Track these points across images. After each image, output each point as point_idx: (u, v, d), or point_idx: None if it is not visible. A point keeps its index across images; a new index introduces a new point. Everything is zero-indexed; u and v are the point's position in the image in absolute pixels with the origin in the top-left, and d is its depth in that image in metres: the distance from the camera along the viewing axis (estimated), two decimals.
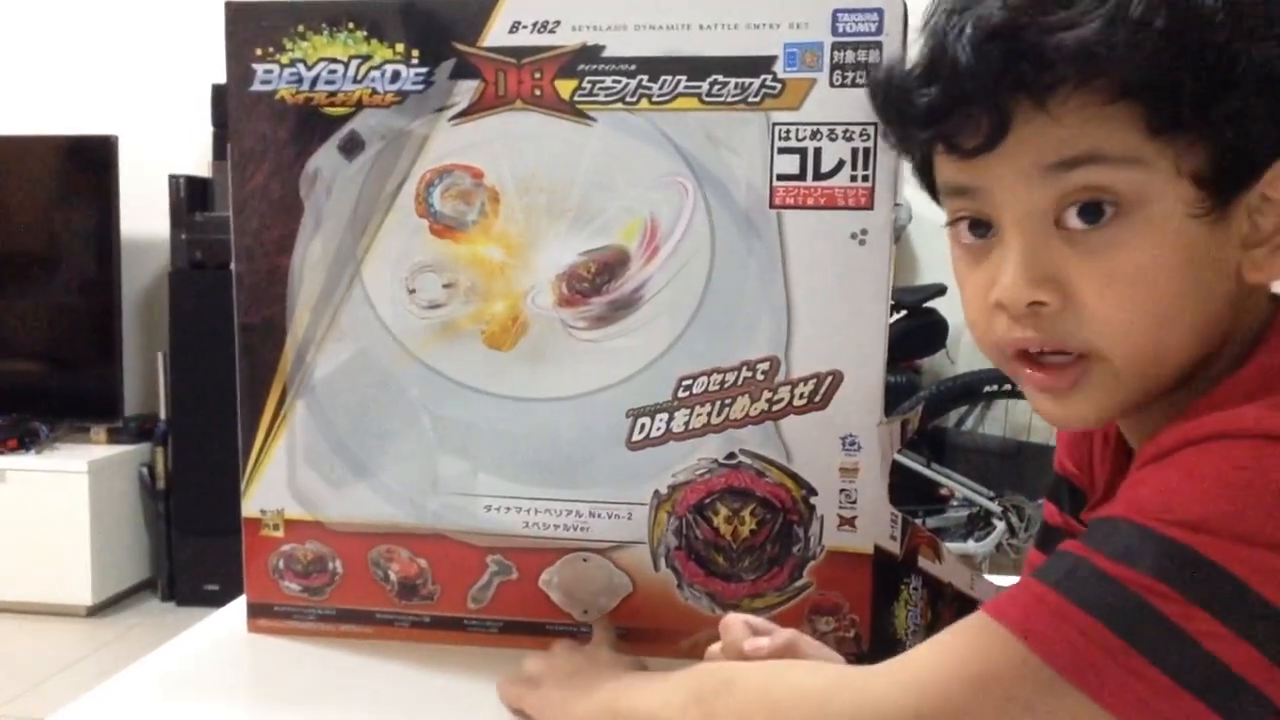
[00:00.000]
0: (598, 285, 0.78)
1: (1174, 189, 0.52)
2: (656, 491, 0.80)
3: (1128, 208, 0.52)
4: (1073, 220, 0.53)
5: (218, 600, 0.94)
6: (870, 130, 0.74)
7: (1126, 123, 0.51)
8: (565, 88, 0.76)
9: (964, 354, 2.81)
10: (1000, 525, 2.56)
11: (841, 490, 0.78)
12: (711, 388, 0.78)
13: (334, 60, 0.78)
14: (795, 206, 0.75)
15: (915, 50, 0.56)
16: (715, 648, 0.69)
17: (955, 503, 2.65)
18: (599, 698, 0.68)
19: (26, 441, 2.97)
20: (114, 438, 3.07)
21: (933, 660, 0.53)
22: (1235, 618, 0.46)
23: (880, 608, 0.80)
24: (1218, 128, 0.50)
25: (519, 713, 0.72)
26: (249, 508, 0.85)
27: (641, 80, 0.75)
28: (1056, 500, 0.77)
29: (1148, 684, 0.47)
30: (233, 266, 0.82)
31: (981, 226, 0.57)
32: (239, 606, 0.88)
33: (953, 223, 0.59)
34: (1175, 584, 0.46)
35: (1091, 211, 0.52)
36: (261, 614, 0.86)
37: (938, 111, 0.54)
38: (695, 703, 0.60)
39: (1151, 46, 0.49)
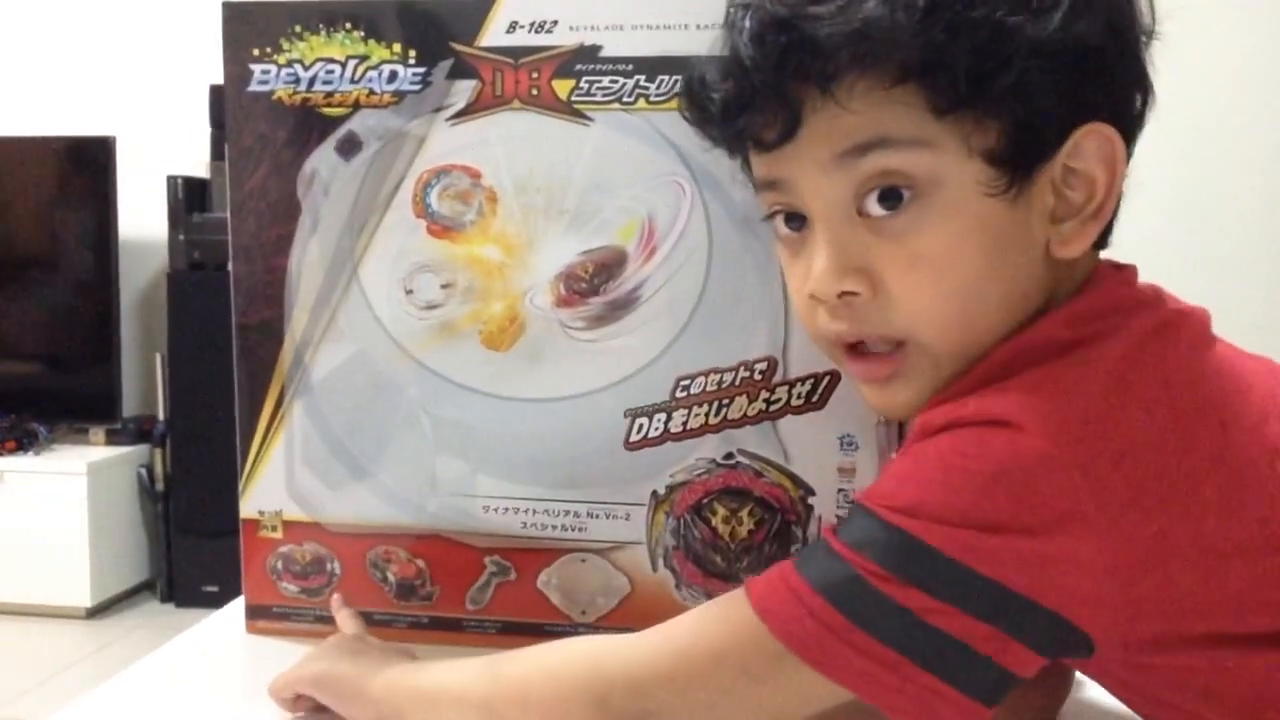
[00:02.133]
0: (595, 285, 0.78)
1: (967, 169, 0.52)
2: (654, 492, 0.80)
3: (923, 191, 0.53)
4: (873, 207, 0.54)
5: (217, 601, 0.94)
6: None
7: (911, 105, 0.52)
8: (562, 88, 0.76)
9: None
10: None
11: (839, 490, 0.78)
12: (709, 388, 0.78)
13: (331, 60, 0.78)
14: None
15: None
16: None
17: None
18: (393, 673, 0.67)
19: (25, 443, 2.97)
20: (112, 439, 3.07)
21: (689, 628, 0.56)
22: (950, 592, 0.48)
23: None
24: (1000, 104, 0.51)
25: (298, 699, 0.71)
26: (247, 509, 0.85)
27: (639, 80, 0.75)
28: None
29: (872, 658, 0.49)
30: (230, 267, 0.82)
31: (796, 219, 0.59)
32: (237, 608, 0.88)
33: (770, 216, 0.61)
34: (893, 567, 0.49)
35: (889, 197, 0.53)
36: (260, 615, 0.86)
37: (732, 107, 0.56)
38: (487, 664, 0.62)
39: (923, 27, 0.50)
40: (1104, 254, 0.60)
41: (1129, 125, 0.55)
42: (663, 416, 0.79)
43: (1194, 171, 2.47)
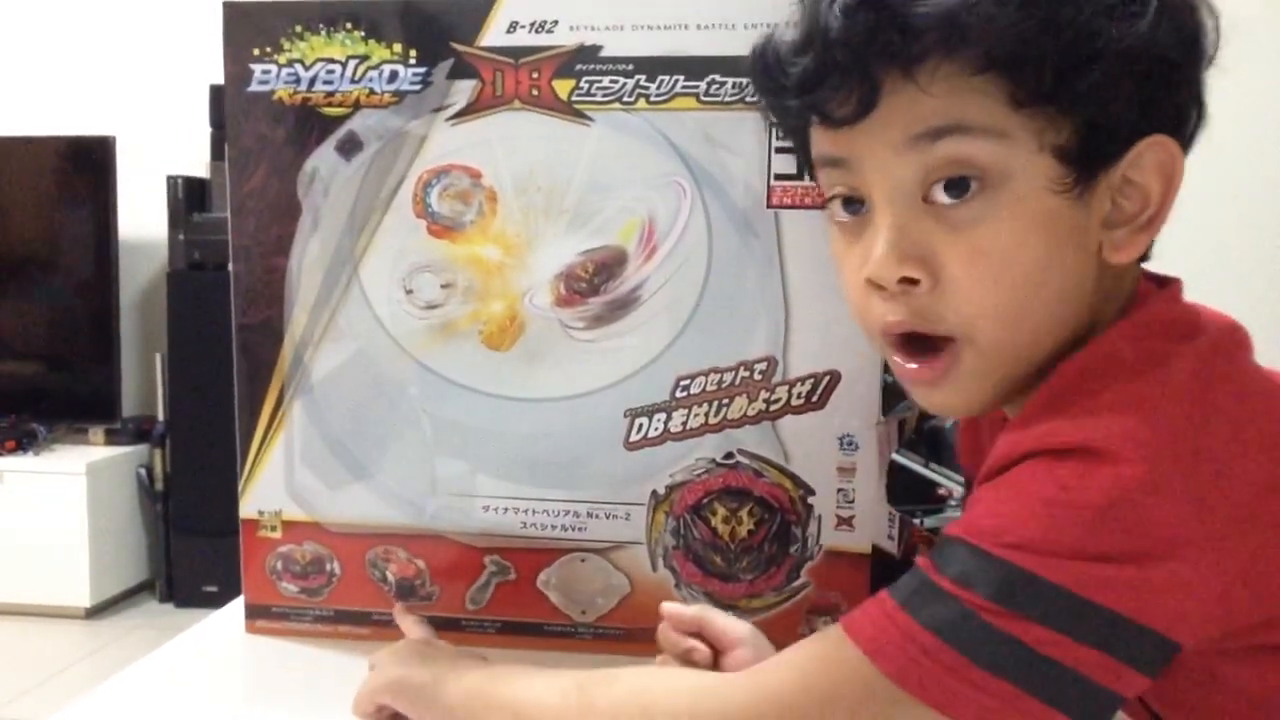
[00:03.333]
0: (595, 285, 0.78)
1: (1037, 164, 0.53)
2: (654, 492, 0.80)
3: (991, 182, 0.53)
4: (939, 195, 0.54)
5: (216, 601, 0.94)
6: None
7: (991, 95, 0.52)
8: (563, 88, 0.76)
9: None
10: None
11: (839, 490, 0.78)
12: (709, 388, 0.78)
13: (332, 60, 0.78)
14: (793, 206, 0.75)
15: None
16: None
17: (953, 502, 2.64)
18: (470, 681, 0.67)
19: (24, 443, 2.97)
20: (112, 439, 3.07)
21: (787, 673, 0.55)
22: (1062, 622, 0.48)
23: None
24: (1079, 102, 0.52)
25: (380, 710, 0.70)
26: (247, 509, 0.85)
27: (639, 80, 0.75)
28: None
29: (990, 693, 0.48)
30: (230, 267, 0.82)
31: (855, 203, 0.58)
32: (237, 608, 0.88)
33: (828, 200, 0.60)
34: (1009, 603, 0.48)
35: (957, 186, 0.53)
36: (259, 615, 0.86)
37: (810, 81, 0.55)
38: (577, 689, 0.61)
39: (1015, 18, 0.50)
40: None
41: (1185, 143, 0.56)
42: (662, 416, 0.79)
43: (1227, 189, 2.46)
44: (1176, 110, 0.55)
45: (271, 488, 0.84)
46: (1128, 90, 0.52)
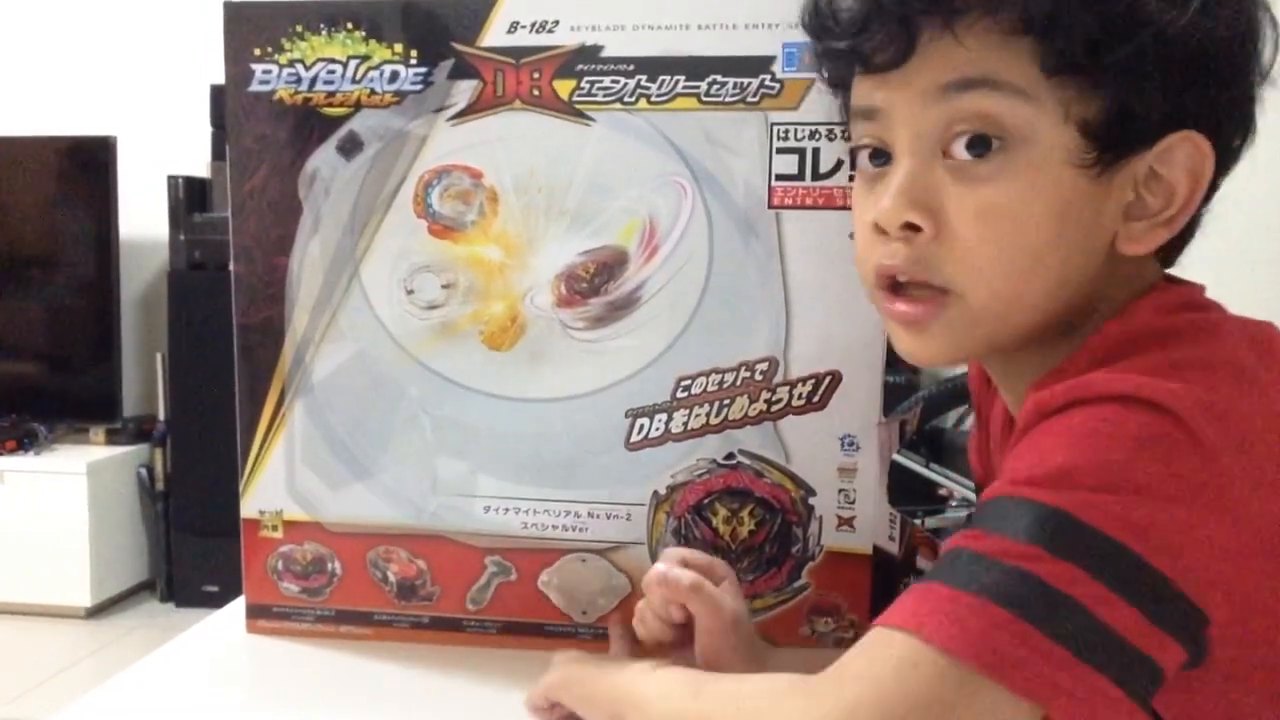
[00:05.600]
0: (596, 286, 0.78)
1: (1060, 133, 0.53)
2: (655, 492, 0.80)
3: (1012, 144, 0.53)
4: (960, 151, 0.54)
5: (217, 601, 0.94)
6: None
7: (1023, 57, 0.52)
8: (564, 88, 0.76)
9: None
10: None
11: (840, 490, 0.78)
12: (710, 388, 0.78)
13: (332, 60, 0.78)
14: (794, 207, 0.75)
15: None
16: (641, 604, 0.72)
17: (954, 503, 2.65)
18: (620, 678, 0.66)
19: (25, 443, 2.97)
20: (113, 439, 3.07)
21: (859, 685, 0.50)
22: (1114, 578, 0.46)
23: (879, 608, 0.79)
24: (1110, 78, 0.52)
25: (553, 708, 0.69)
26: (248, 509, 0.85)
27: (640, 80, 0.75)
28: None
29: (1044, 656, 0.46)
30: (231, 267, 0.82)
31: (881, 156, 0.59)
32: (238, 608, 0.87)
33: (856, 150, 0.61)
34: (1050, 546, 0.47)
35: (978, 144, 0.54)
36: (260, 615, 0.86)
37: (856, 24, 0.57)
38: (688, 683, 0.61)
39: None
40: None
41: (1223, 150, 0.56)
42: (663, 417, 0.78)
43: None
44: (1216, 109, 0.54)
45: (272, 488, 0.84)
46: (1163, 75, 0.52)
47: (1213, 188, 0.56)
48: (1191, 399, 0.49)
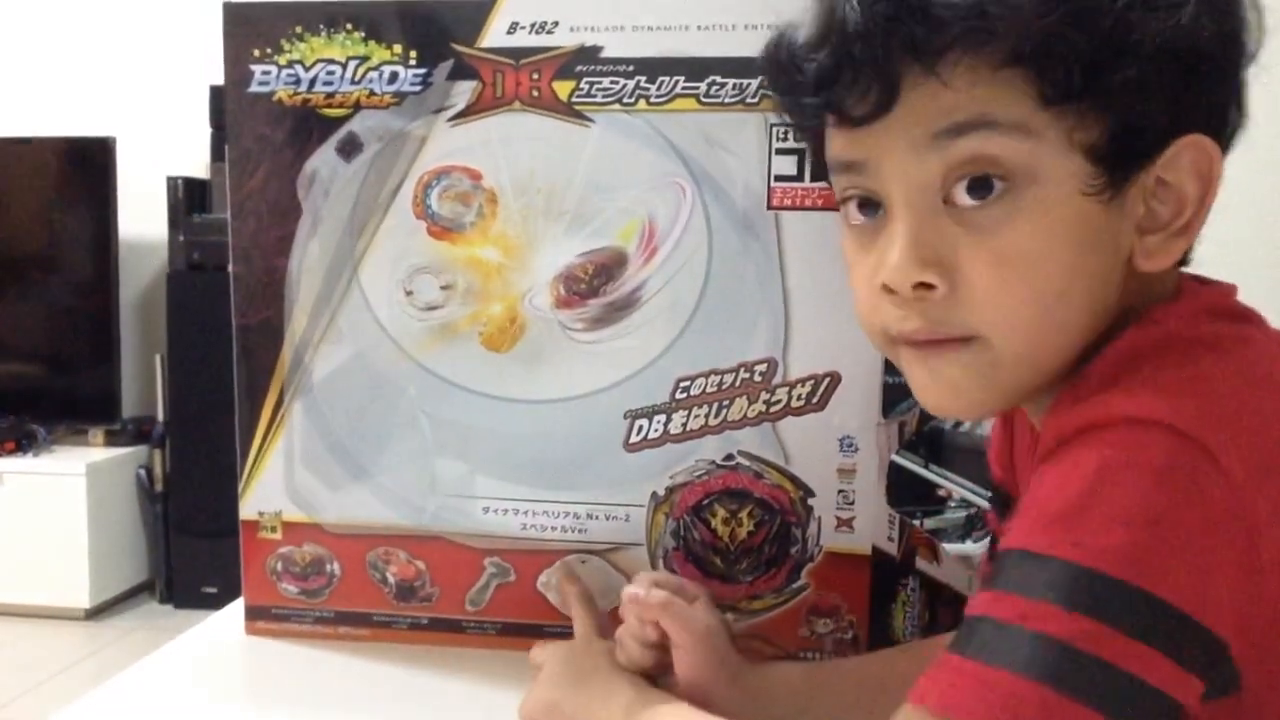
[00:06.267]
0: (595, 287, 0.78)
1: (1066, 163, 0.50)
2: (654, 493, 0.80)
3: (1017, 183, 0.50)
4: (962, 197, 0.51)
5: (216, 603, 0.94)
6: None
7: (1017, 90, 0.49)
8: (563, 89, 0.76)
9: None
10: None
11: (839, 491, 0.78)
12: (709, 389, 0.78)
13: (332, 61, 0.78)
14: (793, 208, 0.75)
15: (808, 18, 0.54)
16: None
17: (953, 503, 2.64)
18: (619, 705, 0.66)
19: (24, 444, 2.97)
20: (112, 440, 3.07)
21: None
22: (1138, 627, 0.44)
23: (878, 609, 0.80)
24: (1111, 98, 0.49)
25: None
26: (247, 510, 0.85)
27: (639, 81, 0.75)
28: (996, 507, 0.77)
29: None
30: (230, 268, 0.82)
31: (871, 206, 0.55)
32: (237, 609, 0.87)
33: (842, 201, 0.57)
34: (1071, 604, 0.44)
35: (980, 187, 0.50)
36: (259, 616, 0.86)
37: (826, 77, 0.52)
38: None
39: (1043, 9, 0.47)
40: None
41: (1224, 144, 0.53)
42: (662, 418, 0.78)
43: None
44: (1215, 109, 0.52)
45: (271, 489, 0.84)
46: (1163, 87, 0.49)
47: None
48: (1213, 420, 0.46)
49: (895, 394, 0.77)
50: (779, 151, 0.75)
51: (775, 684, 0.70)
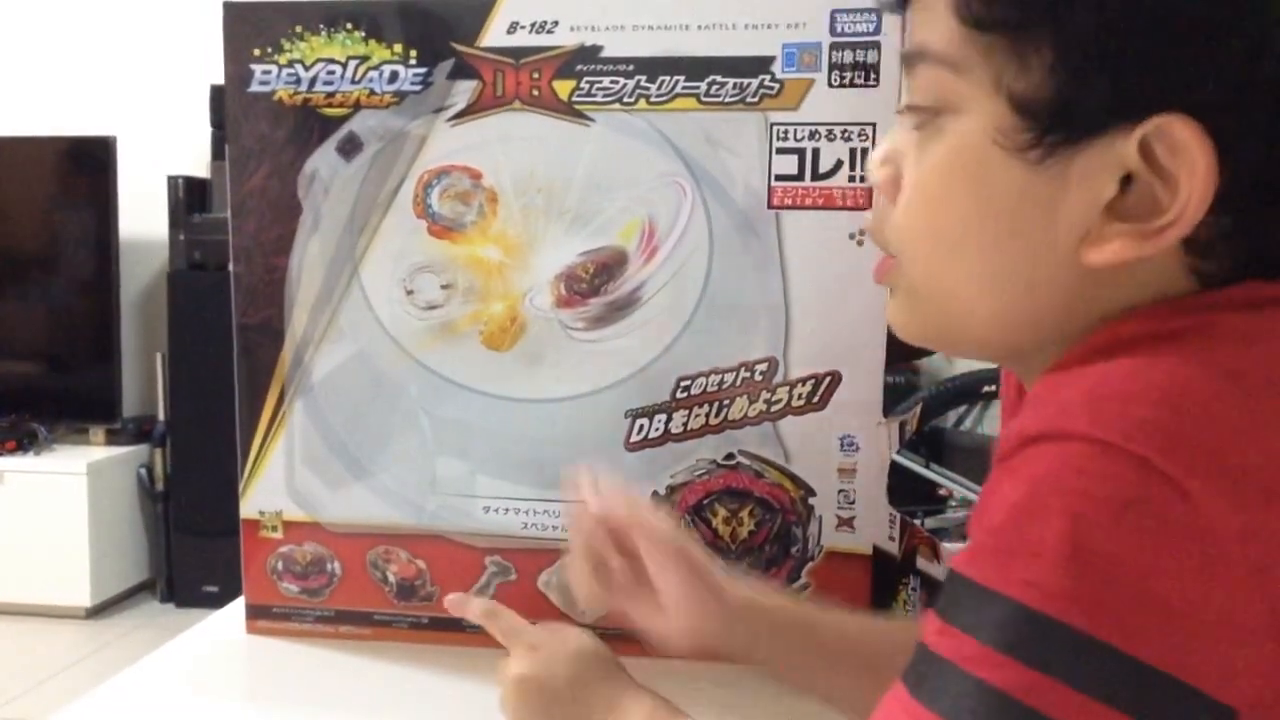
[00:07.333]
0: (596, 286, 0.78)
1: (987, 106, 0.45)
2: (655, 492, 0.80)
3: (943, 117, 0.47)
4: (910, 121, 0.49)
5: (217, 602, 0.94)
6: (869, 130, 0.74)
7: (952, 16, 0.45)
8: (563, 88, 0.76)
9: None
10: None
11: (840, 491, 0.78)
12: (710, 388, 0.78)
13: (332, 61, 0.78)
14: (794, 207, 0.75)
15: None
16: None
17: (954, 503, 2.65)
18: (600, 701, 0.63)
19: (25, 443, 2.97)
20: (112, 439, 3.07)
21: None
22: (1097, 684, 0.38)
23: (879, 608, 0.80)
24: (1042, 40, 0.42)
25: None
26: (247, 509, 0.85)
27: (640, 80, 0.75)
28: None
29: None
30: (231, 267, 0.82)
31: None
32: (238, 608, 0.87)
33: None
34: (1018, 654, 0.38)
35: (916, 114, 0.48)
36: (260, 615, 0.86)
37: None
38: None
39: None
40: None
41: (1235, 137, 0.42)
42: (663, 417, 0.78)
43: None
44: (1198, 83, 0.41)
45: (272, 488, 0.84)
46: (1112, 40, 0.41)
47: (1247, 189, 0.42)
48: (1191, 446, 0.38)
49: (896, 393, 0.77)
50: (779, 151, 0.75)
51: (765, 616, 0.66)
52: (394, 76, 0.78)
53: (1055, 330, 0.47)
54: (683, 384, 0.78)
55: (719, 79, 0.75)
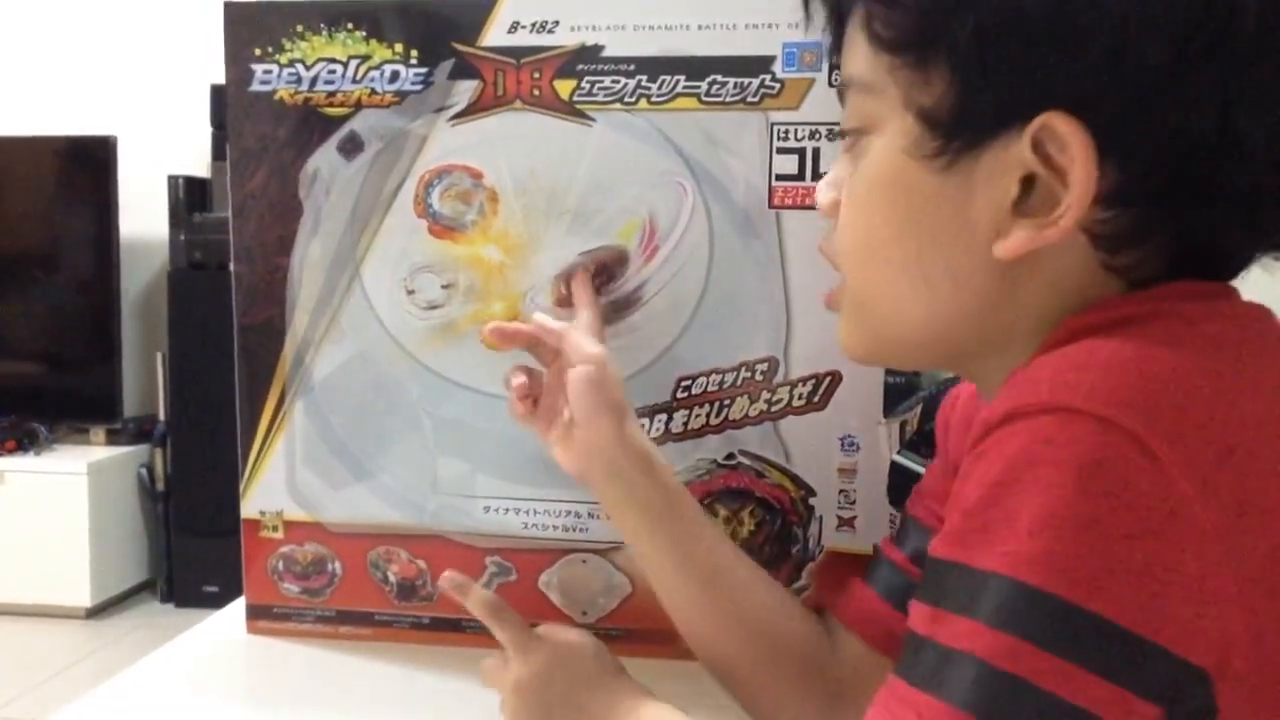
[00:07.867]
0: (596, 286, 0.78)
1: (899, 122, 0.49)
2: None
3: (866, 137, 0.52)
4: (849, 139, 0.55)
5: (217, 602, 0.94)
6: None
7: (865, 47, 0.51)
8: (564, 88, 0.76)
9: None
10: None
11: (840, 491, 0.78)
12: (710, 388, 0.78)
13: (333, 60, 0.78)
14: (794, 207, 0.75)
15: None
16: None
17: None
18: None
19: (25, 443, 2.98)
20: (113, 439, 3.07)
21: None
22: (1074, 649, 0.39)
23: None
24: (946, 58, 0.46)
25: None
26: (248, 509, 0.85)
27: (640, 80, 0.75)
28: None
29: None
30: (232, 267, 0.82)
31: None
32: (238, 608, 0.87)
33: None
34: (997, 621, 0.40)
35: (846, 138, 0.54)
36: (261, 615, 0.86)
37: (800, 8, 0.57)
38: None
39: None
40: None
41: (1117, 130, 0.45)
42: (664, 417, 0.78)
43: None
44: (1078, 82, 0.44)
45: (273, 488, 0.84)
46: (998, 48, 0.45)
47: (1173, 183, 0.45)
48: (1149, 405, 0.40)
49: (896, 393, 0.77)
50: (780, 150, 0.75)
51: (652, 469, 0.68)
52: (395, 76, 0.78)
53: (998, 330, 0.51)
54: (683, 384, 0.78)
55: (720, 79, 0.75)
